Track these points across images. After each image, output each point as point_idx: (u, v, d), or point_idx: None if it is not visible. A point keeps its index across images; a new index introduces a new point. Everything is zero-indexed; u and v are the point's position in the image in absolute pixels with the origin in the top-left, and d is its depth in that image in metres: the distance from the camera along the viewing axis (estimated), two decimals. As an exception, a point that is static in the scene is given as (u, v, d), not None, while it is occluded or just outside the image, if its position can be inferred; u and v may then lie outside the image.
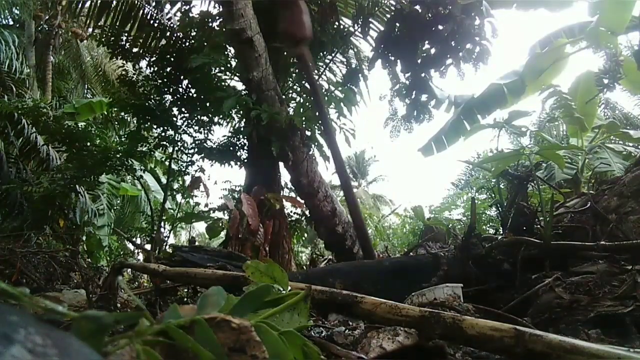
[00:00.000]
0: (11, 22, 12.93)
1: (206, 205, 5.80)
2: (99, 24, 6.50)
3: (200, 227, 14.25)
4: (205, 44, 5.38)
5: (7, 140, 7.61)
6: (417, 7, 5.37)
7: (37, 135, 7.54)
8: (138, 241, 8.57)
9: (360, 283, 2.58)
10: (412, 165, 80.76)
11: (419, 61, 5.77)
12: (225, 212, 5.34)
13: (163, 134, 6.13)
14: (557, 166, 5.57)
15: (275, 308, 0.78)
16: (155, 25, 6.30)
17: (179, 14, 6.18)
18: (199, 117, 5.89)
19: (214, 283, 1.76)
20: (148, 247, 6.19)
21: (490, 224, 6.76)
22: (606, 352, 0.90)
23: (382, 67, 6.19)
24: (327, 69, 6.57)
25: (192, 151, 6.16)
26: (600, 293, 2.07)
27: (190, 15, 5.84)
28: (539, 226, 3.10)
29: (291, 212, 6.18)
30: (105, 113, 10.23)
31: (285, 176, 5.96)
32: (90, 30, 7.14)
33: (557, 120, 10.58)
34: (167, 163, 7.26)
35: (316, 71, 6.28)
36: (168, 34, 6.23)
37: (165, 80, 5.76)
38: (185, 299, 2.95)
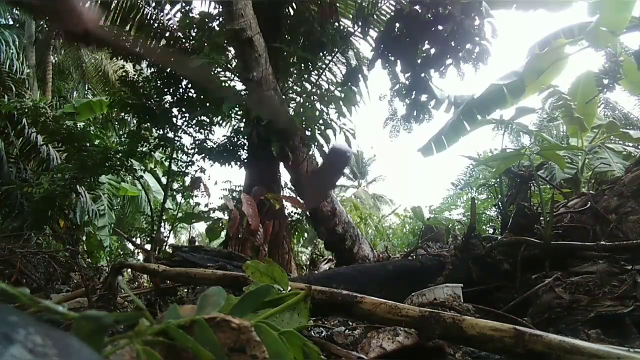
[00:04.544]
0: (11, 22, 12.93)
1: (206, 205, 5.81)
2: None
3: (200, 227, 14.27)
4: (205, 44, 5.38)
5: (7, 140, 7.61)
6: (417, 7, 5.37)
7: (37, 135, 7.54)
8: (138, 241, 8.57)
9: (364, 287, 2.57)
10: (412, 165, 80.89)
11: (418, 61, 5.77)
12: (225, 212, 5.34)
13: (163, 134, 6.13)
14: (557, 166, 5.58)
15: (275, 308, 0.78)
16: (155, 25, 6.30)
17: (179, 14, 6.18)
18: (199, 117, 5.90)
19: (214, 283, 1.76)
20: (148, 247, 6.19)
21: (490, 224, 6.76)
22: (606, 352, 0.90)
23: (382, 67, 6.19)
24: (327, 69, 6.57)
25: (192, 151, 6.17)
26: (600, 293, 2.07)
27: (190, 15, 5.85)
28: (539, 226, 3.10)
29: (291, 212, 6.18)
30: (105, 113, 10.24)
31: (285, 176, 5.97)
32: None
33: (557, 120, 10.60)
34: (167, 163, 7.27)
35: (316, 71, 6.29)
36: (168, 34, 6.24)
37: (165, 80, 5.76)
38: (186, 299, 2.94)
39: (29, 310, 0.52)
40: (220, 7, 5.33)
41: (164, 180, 7.70)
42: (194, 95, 5.80)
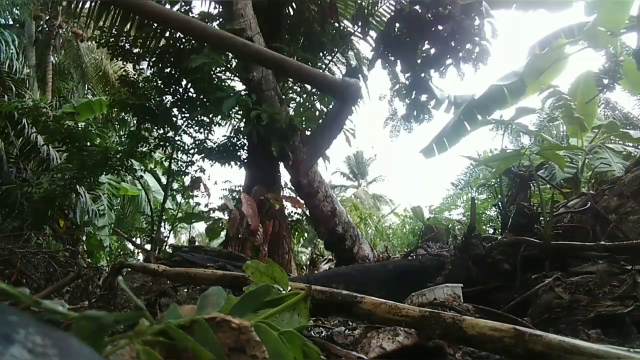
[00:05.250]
0: (11, 22, 12.93)
1: (206, 205, 5.81)
2: (99, 24, 6.50)
3: (200, 227, 14.24)
4: (205, 44, 5.38)
5: (7, 140, 7.61)
6: (417, 7, 5.38)
7: (37, 135, 7.54)
8: (138, 241, 8.57)
9: (364, 287, 2.57)
10: (412, 165, 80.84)
11: (418, 61, 5.78)
12: (225, 212, 5.34)
13: (164, 134, 6.14)
14: (557, 166, 5.58)
15: (275, 308, 0.78)
16: (155, 25, 6.30)
17: (179, 14, 6.18)
18: (199, 117, 5.90)
19: (214, 283, 1.76)
20: (148, 247, 6.19)
21: (490, 224, 6.76)
22: (606, 352, 0.90)
23: (382, 67, 6.20)
24: (327, 69, 6.57)
25: (192, 151, 6.17)
26: (600, 293, 2.07)
27: (190, 15, 5.85)
28: (539, 226, 3.10)
29: (291, 212, 6.18)
30: (105, 113, 10.24)
31: (285, 176, 5.97)
32: (90, 30, 7.16)
33: (557, 120, 10.60)
34: (167, 163, 7.27)
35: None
36: (168, 34, 6.24)
37: (165, 80, 5.76)
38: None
39: (28, 310, 0.52)
40: (220, 7, 5.34)
41: (164, 180, 7.70)
42: (194, 95, 5.80)
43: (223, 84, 5.62)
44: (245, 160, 5.92)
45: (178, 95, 5.83)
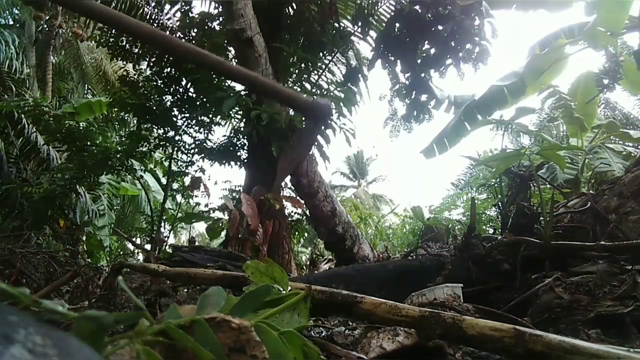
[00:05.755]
0: (11, 22, 12.93)
1: (206, 205, 5.81)
2: (99, 24, 6.50)
3: (200, 227, 14.26)
4: (205, 44, 5.38)
5: (7, 140, 7.61)
6: (417, 7, 5.38)
7: (38, 135, 7.54)
8: (138, 241, 8.57)
9: (364, 287, 2.57)
10: (412, 165, 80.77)
11: (418, 61, 5.78)
12: (225, 212, 5.33)
13: (164, 134, 6.14)
14: (558, 167, 5.58)
15: (275, 308, 0.78)
16: (155, 25, 6.30)
17: (178, 14, 6.19)
18: (199, 117, 5.89)
19: (214, 283, 1.76)
20: (148, 247, 6.19)
21: (490, 224, 6.76)
22: (606, 352, 0.90)
23: (382, 67, 6.20)
24: (327, 69, 6.57)
25: (192, 151, 6.17)
26: (600, 293, 2.07)
27: (190, 15, 5.85)
28: (539, 226, 3.10)
29: (291, 212, 6.18)
30: (105, 113, 10.24)
31: (285, 176, 5.95)
32: (90, 30, 7.15)
33: (557, 120, 10.61)
34: (167, 163, 7.26)
35: (316, 71, 6.29)
36: (168, 34, 6.23)
37: (165, 80, 5.76)
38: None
39: (28, 310, 0.52)
40: (220, 7, 5.34)
41: (164, 180, 7.71)
42: (194, 95, 5.80)
43: (223, 83, 5.62)
44: (245, 160, 5.92)
45: (178, 95, 5.82)
